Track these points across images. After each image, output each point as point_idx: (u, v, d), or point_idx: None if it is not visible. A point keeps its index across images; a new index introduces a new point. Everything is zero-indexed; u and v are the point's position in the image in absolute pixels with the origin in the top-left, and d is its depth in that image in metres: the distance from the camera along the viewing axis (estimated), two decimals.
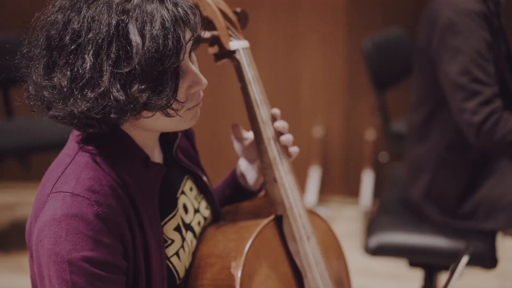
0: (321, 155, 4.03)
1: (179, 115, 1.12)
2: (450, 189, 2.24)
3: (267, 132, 1.37)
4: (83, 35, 1.05)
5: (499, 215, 2.18)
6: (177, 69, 1.09)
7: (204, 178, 1.40)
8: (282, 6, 3.90)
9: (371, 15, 3.90)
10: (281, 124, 1.40)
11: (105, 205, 1.10)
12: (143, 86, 1.04)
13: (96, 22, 1.05)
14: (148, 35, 1.04)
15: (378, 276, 3.32)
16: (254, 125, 1.38)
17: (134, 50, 1.03)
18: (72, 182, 1.11)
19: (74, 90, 1.05)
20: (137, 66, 1.03)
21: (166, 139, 1.32)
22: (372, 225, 2.38)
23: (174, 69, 1.08)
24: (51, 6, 1.12)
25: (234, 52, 1.37)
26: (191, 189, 1.37)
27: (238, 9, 1.41)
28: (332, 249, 1.50)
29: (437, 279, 2.39)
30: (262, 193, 1.42)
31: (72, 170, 1.13)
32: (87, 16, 1.05)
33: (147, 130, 1.18)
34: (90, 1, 1.07)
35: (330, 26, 3.90)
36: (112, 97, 1.04)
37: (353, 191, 4.05)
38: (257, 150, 1.39)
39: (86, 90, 1.05)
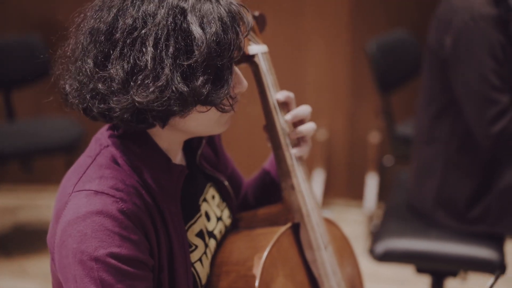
0: (325, 158, 4.01)
1: (233, 110, 1.14)
2: (460, 192, 2.21)
3: (286, 139, 1.35)
4: (139, 28, 1.05)
5: (510, 219, 2.16)
6: (232, 64, 1.10)
7: (226, 183, 1.39)
8: (286, 8, 3.88)
9: (375, 17, 3.89)
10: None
11: (129, 202, 1.09)
12: (205, 78, 1.05)
13: (152, 17, 1.05)
14: (208, 29, 1.05)
15: (383, 281, 3.30)
16: (272, 131, 1.35)
17: (197, 43, 1.04)
18: (95, 181, 1.10)
19: (135, 82, 1.05)
20: (199, 59, 1.04)
21: (189, 147, 1.31)
22: (379, 230, 2.36)
23: (231, 64, 1.10)
24: (93, 4, 1.13)
25: (253, 56, 1.35)
26: (213, 197, 1.36)
27: (257, 13, 1.39)
28: (347, 257, 1.49)
29: (445, 285, 2.37)
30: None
31: (94, 170, 1.12)
32: (141, 11, 1.06)
33: (178, 133, 1.18)
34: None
35: (334, 28, 3.89)
36: (174, 89, 1.04)
37: (357, 194, 4.03)
38: (275, 157, 1.36)
39: (147, 81, 1.04)
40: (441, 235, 2.24)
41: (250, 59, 1.35)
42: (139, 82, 1.04)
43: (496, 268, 2.16)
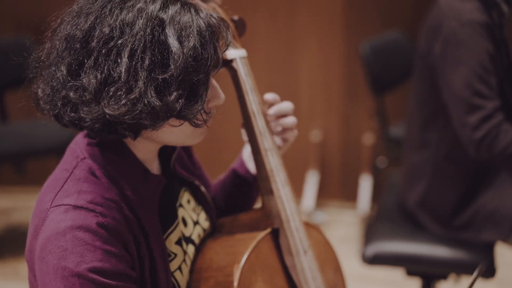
0: (318, 159, 4.01)
1: (206, 125, 1.12)
2: (446, 199, 2.21)
3: (264, 144, 1.35)
4: (115, 38, 1.03)
5: (494, 228, 2.16)
6: (208, 79, 1.08)
7: (202, 188, 1.38)
8: (280, 9, 3.88)
9: (369, 18, 3.88)
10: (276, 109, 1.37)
11: (109, 216, 1.07)
12: (179, 93, 1.03)
13: (129, 27, 1.03)
14: (186, 43, 1.03)
15: (376, 282, 3.30)
16: (251, 136, 1.35)
17: (173, 57, 1.03)
18: (73, 196, 1.08)
19: (107, 93, 1.03)
20: (174, 73, 1.02)
21: (163, 152, 1.30)
22: (369, 233, 2.36)
23: (207, 79, 1.08)
24: (71, 9, 1.11)
25: (231, 61, 1.34)
26: (188, 201, 1.35)
27: (236, 17, 1.38)
28: (329, 262, 1.48)
29: (436, 287, 2.37)
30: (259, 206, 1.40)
31: (72, 184, 1.10)
32: (119, 20, 1.04)
33: (153, 142, 1.17)
34: (122, 7, 1.05)
35: (328, 29, 3.88)
36: (146, 102, 1.02)
37: (350, 196, 4.02)
38: (254, 162, 1.36)
39: (120, 93, 1.03)
40: (431, 238, 2.24)
41: (228, 64, 1.34)
42: (111, 93, 1.03)
43: (485, 272, 2.16)
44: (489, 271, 2.16)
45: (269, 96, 1.36)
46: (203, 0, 1.29)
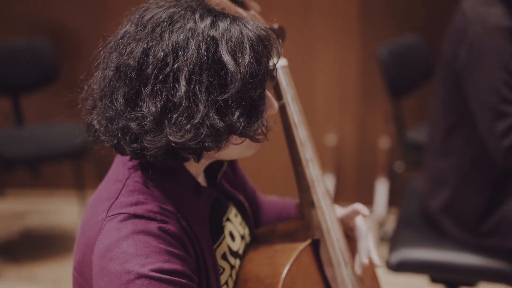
0: (334, 163, 3.99)
1: (267, 139, 1.10)
2: (472, 205, 2.19)
3: (305, 154, 1.33)
4: (170, 63, 1.00)
5: None
6: (265, 94, 1.07)
7: (246, 204, 1.36)
8: (296, 13, 3.86)
9: (384, 22, 3.87)
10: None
11: (169, 223, 1.05)
12: (240, 112, 1.01)
13: (183, 50, 1.00)
14: (241, 60, 1.01)
15: None
16: (291, 146, 1.33)
17: (230, 76, 1.00)
18: (131, 206, 1.05)
19: (170, 120, 1.00)
20: (234, 92, 1.00)
21: (209, 166, 1.28)
22: (393, 240, 2.34)
23: (264, 94, 1.06)
24: (118, 37, 1.08)
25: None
26: (236, 215, 1.33)
27: (275, 26, 1.36)
28: (367, 271, 1.46)
29: None
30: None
31: (127, 195, 1.07)
32: (170, 44, 1.01)
33: (207, 159, 1.14)
34: (172, 29, 1.02)
35: (344, 32, 3.87)
36: (209, 125, 1.00)
37: (366, 200, 4.00)
38: (295, 173, 1.34)
39: (182, 119, 1.00)
40: (455, 245, 2.22)
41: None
42: (174, 120, 1.00)
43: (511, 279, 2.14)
44: None
45: (365, 260, 1.34)
46: (244, 7, 1.27)
